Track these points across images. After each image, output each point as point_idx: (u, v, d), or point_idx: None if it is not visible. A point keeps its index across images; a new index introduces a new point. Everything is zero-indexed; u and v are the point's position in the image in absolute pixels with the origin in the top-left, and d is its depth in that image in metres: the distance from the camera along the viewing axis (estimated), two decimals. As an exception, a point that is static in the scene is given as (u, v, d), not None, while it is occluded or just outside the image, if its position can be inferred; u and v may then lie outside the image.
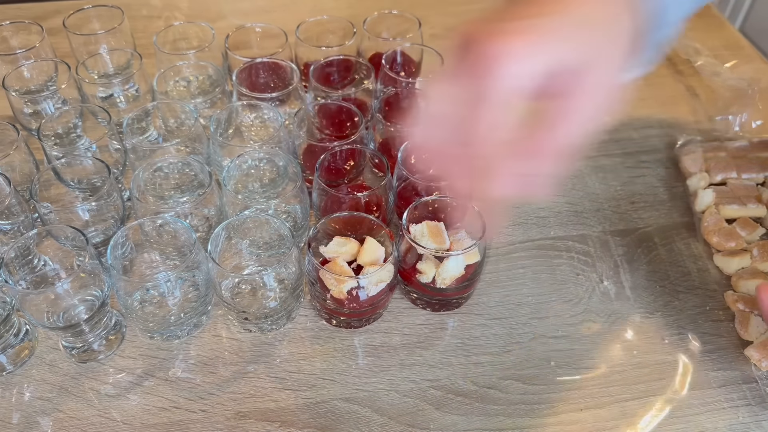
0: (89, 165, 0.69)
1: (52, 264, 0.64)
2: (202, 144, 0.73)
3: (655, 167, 0.82)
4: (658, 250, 0.73)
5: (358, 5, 1.06)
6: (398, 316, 0.66)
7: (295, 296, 0.64)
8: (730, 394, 0.61)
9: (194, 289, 0.63)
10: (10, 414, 0.58)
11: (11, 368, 0.61)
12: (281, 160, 0.71)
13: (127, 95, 0.81)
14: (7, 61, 0.81)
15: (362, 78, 0.83)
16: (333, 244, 0.63)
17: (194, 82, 0.85)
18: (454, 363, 0.63)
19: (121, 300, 0.60)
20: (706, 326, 0.66)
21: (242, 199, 0.65)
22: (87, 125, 0.77)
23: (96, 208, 0.66)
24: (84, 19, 0.87)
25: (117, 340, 0.63)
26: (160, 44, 0.82)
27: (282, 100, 0.77)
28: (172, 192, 0.73)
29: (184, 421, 0.58)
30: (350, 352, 0.63)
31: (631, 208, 0.77)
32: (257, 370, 0.62)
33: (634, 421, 0.59)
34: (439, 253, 0.61)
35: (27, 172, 0.72)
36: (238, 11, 1.05)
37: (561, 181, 0.42)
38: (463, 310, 0.67)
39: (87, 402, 0.59)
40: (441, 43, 0.99)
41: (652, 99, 0.91)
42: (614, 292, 0.69)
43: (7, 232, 0.66)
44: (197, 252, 0.59)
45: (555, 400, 0.60)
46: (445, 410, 0.59)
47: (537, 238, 0.74)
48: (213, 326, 0.65)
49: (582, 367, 0.63)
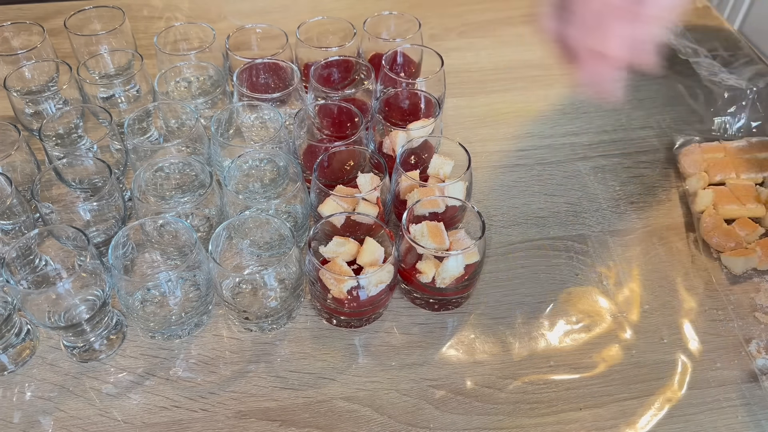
0: (90, 165, 0.69)
1: (54, 264, 0.64)
2: (202, 144, 0.74)
3: (654, 167, 0.82)
4: (656, 250, 0.73)
5: (358, 6, 1.06)
6: (398, 315, 0.66)
7: (296, 296, 0.64)
8: (729, 394, 0.61)
9: (195, 288, 0.63)
10: (12, 413, 0.58)
11: (12, 368, 0.61)
12: (282, 160, 0.71)
13: (128, 96, 0.81)
14: (8, 61, 0.81)
15: (362, 78, 0.83)
16: (332, 245, 0.63)
17: (195, 83, 0.85)
18: (454, 362, 0.63)
19: (122, 300, 0.60)
20: (704, 326, 0.66)
21: (243, 199, 0.66)
22: (88, 125, 0.78)
23: (97, 208, 0.66)
24: (85, 19, 0.87)
25: (118, 340, 0.63)
26: (161, 45, 0.82)
27: (282, 100, 0.77)
28: (173, 192, 0.73)
29: (185, 420, 0.58)
30: (350, 352, 0.63)
31: (630, 208, 0.77)
32: (258, 369, 0.62)
33: (633, 420, 0.59)
34: (439, 253, 0.61)
35: (28, 172, 0.72)
36: (238, 12, 1.05)
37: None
38: (462, 310, 0.67)
39: (88, 401, 0.59)
40: (441, 43, 0.99)
41: (650, 99, 0.92)
42: (613, 292, 0.69)
43: (9, 232, 0.66)
44: (198, 252, 0.59)
45: (554, 399, 0.61)
46: (445, 409, 0.60)
47: (536, 238, 0.74)
48: (214, 326, 0.65)
49: (581, 366, 0.63)
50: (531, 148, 0.85)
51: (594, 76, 0.56)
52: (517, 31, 1.05)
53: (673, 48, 0.98)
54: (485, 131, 0.87)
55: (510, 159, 0.83)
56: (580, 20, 0.53)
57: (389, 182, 0.69)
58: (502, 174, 0.81)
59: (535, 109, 0.91)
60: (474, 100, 0.91)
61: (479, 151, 0.84)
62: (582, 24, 0.54)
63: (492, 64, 0.97)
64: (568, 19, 0.55)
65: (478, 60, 0.98)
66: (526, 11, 1.08)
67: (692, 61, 0.93)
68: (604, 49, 0.52)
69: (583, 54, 0.55)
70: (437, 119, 0.74)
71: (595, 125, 0.88)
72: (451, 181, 0.69)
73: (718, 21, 1.06)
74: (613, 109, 0.90)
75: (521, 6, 1.09)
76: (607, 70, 0.54)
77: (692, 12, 1.07)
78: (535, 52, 1.00)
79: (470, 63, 0.97)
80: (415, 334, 0.65)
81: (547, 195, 0.79)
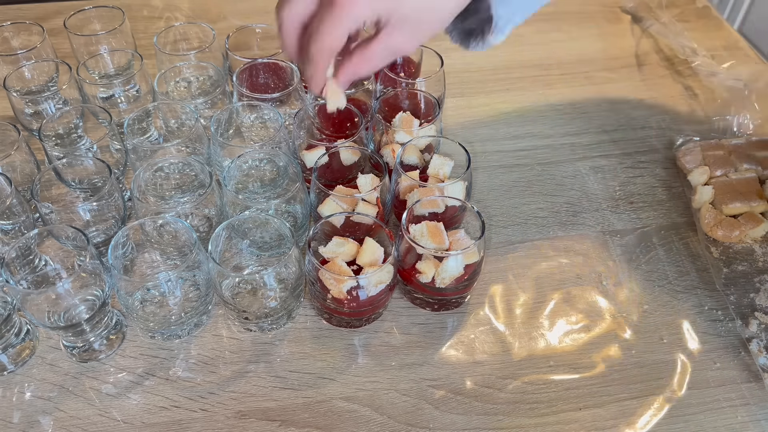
0: (90, 165, 0.69)
1: (53, 264, 0.64)
2: (202, 144, 0.74)
3: (654, 167, 0.82)
4: (656, 249, 0.73)
5: (357, 6, 1.06)
6: (398, 315, 0.66)
7: (296, 296, 0.64)
8: (729, 394, 0.61)
9: (195, 288, 0.63)
10: (11, 413, 0.58)
11: (12, 368, 0.61)
12: (281, 160, 0.71)
13: (127, 96, 0.81)
14: (8, 61, 0.81)
15: (362, 79, 0.83)
16: (332, 245, 0.63)
17: (195, 83, 0.85)
18: (453, 362, 0.63)
19: (121, 300, 0.60)
20: (704, 326, 0.66)
21: (243, 199, 0.66)
22: (88, 126, 0.78)
23: (97, 208, 0.66)
24: (85, 19, 0.87)
25: (118, 340, 0.63)
26: (160, 45, 0.82)
27: (282, 100, 0.77)
28: (173, 192, 0.73)
29: (184, 420, 0.58)
30: (350, 352, 0.63)
31: (629, 208, 0.77)
32: (257, 369, 0.62)
33: (632, 420, 0.59)
34: (439, 253, 0.61)
35: (28, 172, 0.72)
36: (238, 12, 1.05)
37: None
38: (462, 310, 0.67)
39: (88, 401, 0.59)
40: (441, 43, 0.99)
41: (650, 99, 0.92)
42: (613, 292, 0.69)
43: (9, 232, 0.66)
44: (198, 252, 0.59)
45: (554, 399, 0.61)
46: (445, 409, 0.60)
47: (536, 238, 0.74)
48: (213, 326, 0.65)
49: (581, 366, 0.63)
50: (531, 148, 0.85)
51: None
52: (517, 31, 1.04)
53: (673, 48, 0.98)
54: (485, 131, 0.87)
55: (510, 159, 0.83)
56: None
57: (389, 182, 0.69)
58: (502, 174, 0.81)
59: (535, 109, 0.91)
60: (474, 100, 0.91)
61: (479, 151, 0.84)
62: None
63: (492, 64, 0.97)
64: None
65: (478, 60, 0.98)
66: (525, 11, 1.08)
67: (692, 61, 0.93)
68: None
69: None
70: (437, 119, 0.75)
71: (595, 125, 0.88)
72: (450, 181, 0.69)
73: (718, 21, 1.06)
74: (613, 109, 0.90)
75: (521, 6, 1.09)
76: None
77: (692, 12, 1.07)
78: (535, 52, 1.00)
79: (470, 63, 0.97)
80: (415, 334, 0.65)
81: (547, 195, 0.79)
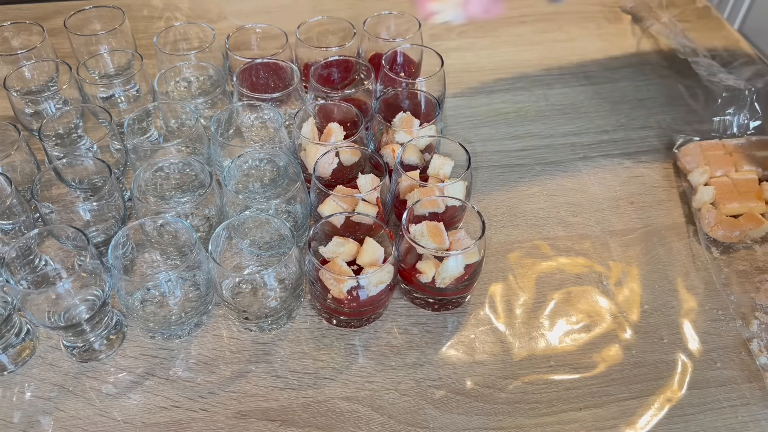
0: (90, 165, 0.69)
1: (54, 264, 0.64)
2: (202, 144, 0.73)
3: (654, 167, 0.82)
4: (656, 249, 0.73)
5: (358, 6, 1.06)
6: (398, 315, 0.66)
7: (296, 296, 0.64)
8: (729, 394, 0.61)
9: (195, 288, 0.63)
10: (11, 413, 0.58)
11: (12, 368, 0.61)
12: (281, 160, 0.71)
13: (128, 95, 0.81)
14: (8, 61, 0.81)
15: (362, 78, 0.83)
16: (332, 245, 0.63)
17: (195, 83, 0.85)
18: (453, 362, 0.63)
19: (122, 300, 0.60)
20: (704, 326, 0.66)
21: (243, 199, 0.66)
22: (88, 125, 0.78)
23: (97, 208, 0.66)
24: (85, 19, 0.87)
25: (118, 340, 0.63)
26: (160, 45, 0.82)
27: (282, 100, 0.77)
28: (173, 192, 0.73)
29: (184, 420, 0.58)
30: (350, 352, 0.63)
31: (630, 208, 0.77)
32: (258, 369, 0.62)
33: (633, 420, 0.59)
34: (439, 253, 0.61)
35: (28, 172, 0.72)
36: (238, 12, 1.05)
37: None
38: (462, 310, 0.67)
39: (88, 401, 0.59)
40: (441, 43, 0.99)
41: (650, 100, 0.92)
42: (613, 291, 0.69)
43: (9, 232, 0.66)
44: (198, 252, 0.59)
45: (554, 399, 0.61)
46: (445, 409, 0.60)
47: (536, 238, 0.74)
48: (214, 326, 0.65)
49: (581, 366, 0.63)
50: (531, 148, 0.85)
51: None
52: (517, 31, 1.05)
53: (673, 48, 0.98)
54: (485, 131, 0.87)
55: (510, 159, 0.83)
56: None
57: (389, 182, 0.69)
58: (502, 174, 0.81)
59: (535, 109, 0.91)
60: (474, 100, 0.92)
61: (479, 151, 0.84)
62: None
63: (492, 64, 0.97)
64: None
65: (478, 60, 0.98)
66: (525, 11, 1.08)
67: (692, 61, 0.93)
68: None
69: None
70: (437, 119, 0.75)
71: (595, 125, 0.88)
72: (451, 181, 0.69)
73: (718, 21, 1.06)
74: (613, 109, 0.90)
75: (521, 6, 1.09)
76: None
77: (692, 12, 1.07)
78: (535, 52, 1.00)
79: (470, 63, 0.97)
80: (415, 334, 0.65)
81: (547, 195, 0.79)
